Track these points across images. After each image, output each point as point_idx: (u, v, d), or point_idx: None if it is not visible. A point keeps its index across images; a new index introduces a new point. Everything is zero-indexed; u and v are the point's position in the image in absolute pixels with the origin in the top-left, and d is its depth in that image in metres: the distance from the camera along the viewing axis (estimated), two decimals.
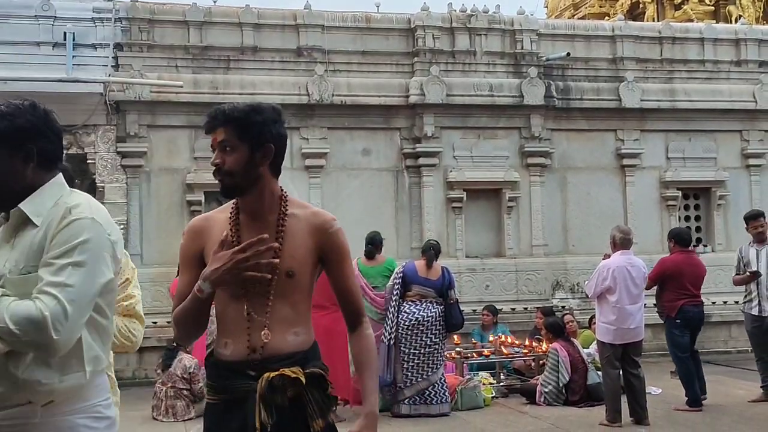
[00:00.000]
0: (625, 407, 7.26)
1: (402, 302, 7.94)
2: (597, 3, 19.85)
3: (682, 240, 8.25)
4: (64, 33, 10.14)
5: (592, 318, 9.02)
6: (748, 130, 12.43)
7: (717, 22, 15.61)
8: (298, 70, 11.06)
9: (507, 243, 11.43)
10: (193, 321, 2.48)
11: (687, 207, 12.41)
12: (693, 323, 8.05)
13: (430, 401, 7.83)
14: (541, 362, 8.81)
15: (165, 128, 10.65)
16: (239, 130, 2.43)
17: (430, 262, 8.10)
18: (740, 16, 16.76)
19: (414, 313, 7.87)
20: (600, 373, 7.79)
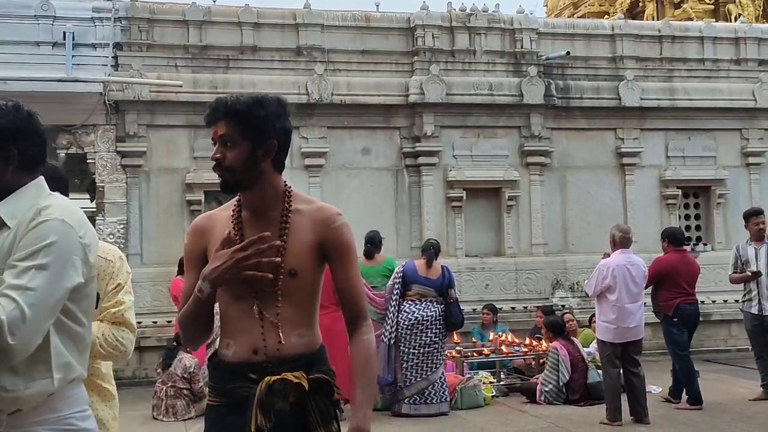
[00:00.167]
0: (626, 406, 7.26)
1: (402, 302, 7.95)
2: (596, 2, 19.85)
3: (675, 239, 8.30)
4: (64, 33, 10.14)
5: (593, 317, 9.03)
6: (747, 128, 12.43)
7: (716, 21, 15.62)
8: (298, 69, 11.06)
9: (507, 242, 11.43)
10: (195, 323, 2.40)
11: (687, 206, 12.41)
12: (690, 321, 8.09)
13: (430, 400, 7.83)
14: (541, 361, 8.81)
15: (165, 128, 10.65)
16: (241, 125, 2.33)
17: (429, 262, 8.10)
18: (740, 14, 16.76)
19: (414, 312, 7.88)
20: (600, 371, 7.80)
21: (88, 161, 10.45)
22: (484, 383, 8.50)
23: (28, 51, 10.12)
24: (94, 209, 11.01)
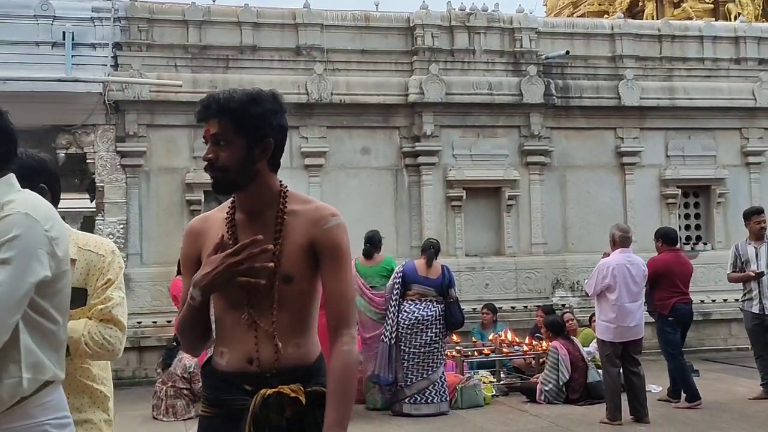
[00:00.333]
0: (625, 405, 7.27)
1: (402, 301, 7.95)
2: (596, 1, 19.84)
3: (669, 239, 8.34)
4: (63, 32, 10.13)
5: (593, 316, 9.03)
6: (747, 127, 12.43)
7: (716, 20, 15.62)
8: (298, 69, 11.06)
9: (506, 241, 11.43)
10: (191, 330, 2.29)
11: (687, 205, 12.41)
12: (684, 321, 8.15)
13: (430, 400, 7.84)
14: (541, 360, 8.81)
15: (164, 128, 10.65)
16: (235, 123, 2.19)
17: (430, 261, 8.10)
18: (739, 13, 16.75)
19: (414, 312, 7.88)
20: (600, 371, 7.80)
21: (88, 161, 10.45)
22: (484, 383, 8.50)
23: (27, 51, 10.12)
24: (94, 209, 11.02)
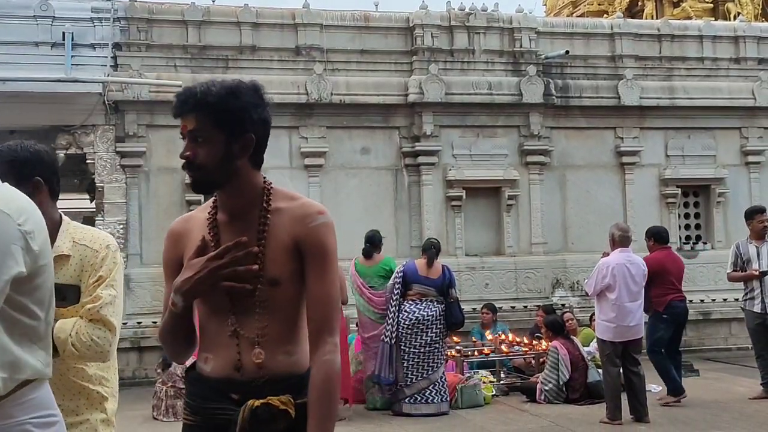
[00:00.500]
0: (626, 405, 7.27)
1: (403, 301, 7.95)
2: (595, 1, 19.82)
3: (661, 238, 8.41)
4: (63, 33, 10.14)
5: (593, 316, 9.03)
6: (747, 127, 12.43)
7: (716, 20, 15.61)
8: (297, 69, 11.06)
9: (506, 241, 11.43)
10: (173, 338, 2.16)
11: (686, 204, 12.41)
12: (680, 319, 8.20)
13: (430, 400, 7.84)
14: (541, 360, 8.82)
15: (164, 128, 10.63)
16: (213, 119, 2.05)
17: (431, 261, 8.09)
18: (739, 13, 16.74)
19: (414, 312, 7.87)
20: (600, 371, 7.80)
21: (88, 161, 10.45)
22: (484, 382, 8.50)
23: (27, 51, 10.12)
24: (94, 209, 11.02)
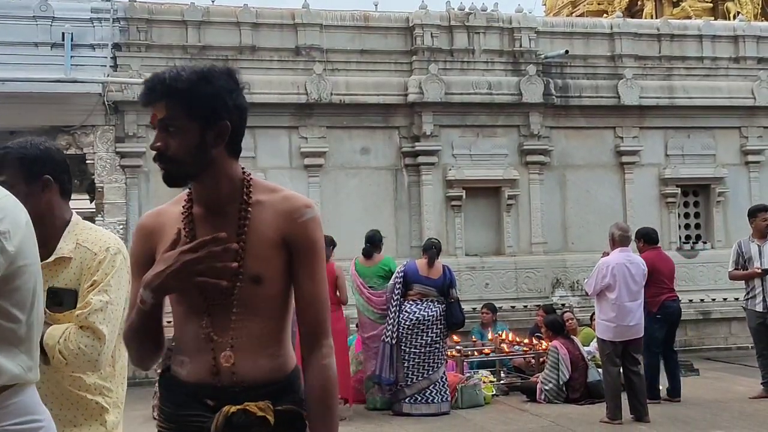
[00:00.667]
0: (626, 404, 7.27)
1: (403, 301, 7.94)
2: (595, 0, 19.83)
3: (650, 239, 8.47)
4: (63, 33, 10.14)
5: (593, 315, 9.03)
6: (746, 126, 12.44)
7: (715, 19, 15.61)
8: (297, 69, 11.06)
9: (506, 241, 11.43)
10: (139, 340, 1.99)
11: (686, 204, 12.41)
12: (672, 318, 8.22)
13: (431, 400, 7.83)
14: (541, 360, 8.82)
15: None
16: (185, 106, 1.91)
17: (431, 261, 8.09)
18: (738, 12, 16.75)
19: (415, 312, 7.87)
20: (600, 370, 7.80)
21: (87, 162, 10.45)
22: (484, 382, 8.50)
23: (26, 52, 10.13)
24: (94, 210, 11.02)
